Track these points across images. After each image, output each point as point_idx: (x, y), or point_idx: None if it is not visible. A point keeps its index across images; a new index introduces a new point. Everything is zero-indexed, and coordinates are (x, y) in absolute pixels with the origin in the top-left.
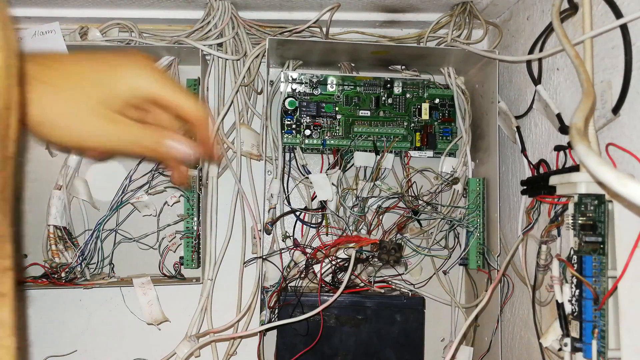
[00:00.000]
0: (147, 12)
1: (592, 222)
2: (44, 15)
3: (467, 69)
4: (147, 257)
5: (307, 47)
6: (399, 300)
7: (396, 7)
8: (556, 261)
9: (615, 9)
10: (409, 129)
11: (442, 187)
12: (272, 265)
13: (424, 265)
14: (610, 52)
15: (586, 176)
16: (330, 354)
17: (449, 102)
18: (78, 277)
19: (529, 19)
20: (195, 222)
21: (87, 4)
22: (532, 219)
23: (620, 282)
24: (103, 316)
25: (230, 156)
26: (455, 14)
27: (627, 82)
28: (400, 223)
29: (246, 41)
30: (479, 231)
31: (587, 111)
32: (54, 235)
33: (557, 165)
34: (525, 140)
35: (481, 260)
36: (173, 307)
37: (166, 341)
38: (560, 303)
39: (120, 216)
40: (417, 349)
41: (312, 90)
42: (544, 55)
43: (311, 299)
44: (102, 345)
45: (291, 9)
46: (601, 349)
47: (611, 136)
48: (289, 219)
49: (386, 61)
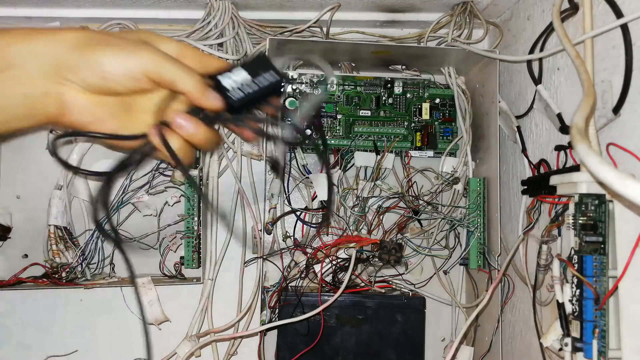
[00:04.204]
0: (147, 12)
1: (593, 222)
2: (44, 15)
3: (467, 68)
4: (147, 257)
5: (307, 47)
6: (399, 300)
7: (396, 7)
8: (557, 261)
9: (615, 9)
10: (409, 128)
11: (443, 187)
12: (273, 265)
13: (425, 265)
14: (610, 52)
15: (587, 176)
16: (331, 353)
17: (449, 102)
18: (79, 277)
19: (529, 18)
20: (196, 222)
21: (87, 4)
22: (533, 218)
23: (620, 282)
24: (103, 316)
25: (231, 156)
26: (456, 13)
27: (627, 82)
28: (401, 223)
29: (247, 41)
30: (480, 231)
31: (588, 111)
32: (55, 235)
33: (557, 165)
34: (525, 140)
35: (482, 260)
36: (174, 307)
37: (167, 341)
38: (561, 303)
39: (121, 216)
40: (418, 349)
41: (313, 90)
42: (544, 55)
43: (312, 299)
44: (103, 345)
45: (292, 8)
46: (602, 349)
47: (612, 136)
48: (289, 219)
49: (386, 61)
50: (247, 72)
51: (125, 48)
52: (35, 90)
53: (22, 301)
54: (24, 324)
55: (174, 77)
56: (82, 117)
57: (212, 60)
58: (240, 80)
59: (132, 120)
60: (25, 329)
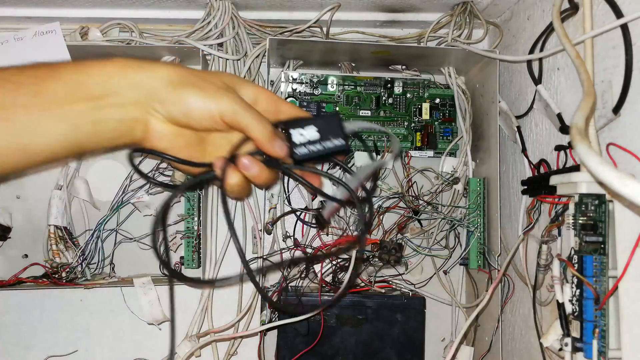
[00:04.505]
0: (147, 12)
1: (593, 222)
2: (44, 15)
3: (467, 68)
4: (147, 257)
5: (307, 47)
6: (399, 300)
7: (396, 7)
8: (557, 261)
9: (615, 9)
10: (409, 128)
11: (443, 187)
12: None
13: (425, 265)
14: (610, 52)
15: (587, 176)
16: (331, 353)
17: (449, 102)
18: (79, 277)
19: (529, 18)
20: (196, 222)
21: (87, 4)
22: (533, 218)
23: (620, 282)
24: (104, 316)
25: None
26: (456, 13)
27: (627, 82)
28: (401, 223)
29: (247, 41)
30: (480, 231)
31: (588, 111)
32: (55, 235)
33: (557, 165)
34: (525, 140)
35: (482, 260)
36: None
37: (167, 341)
38: (561, 303)
39: (121, 216)
40: (418, 349)
41: (313, 90)
42: (544, 55)
43: (312, 299)
44: (103, 345)
45: (292, 8)
46: (602, 349)
47: (612, 136)
48: (289, 219)
49: (386, 61)
50: (318, 131)
51: (210, 92)
52: (127, 116)
53: (22, 301)
54: (24, 324)
55: (248, 124)
56: (161, 143)
57: (285, 104)
58: (309, 138)
59: (203, 152)
60: (25, 329)
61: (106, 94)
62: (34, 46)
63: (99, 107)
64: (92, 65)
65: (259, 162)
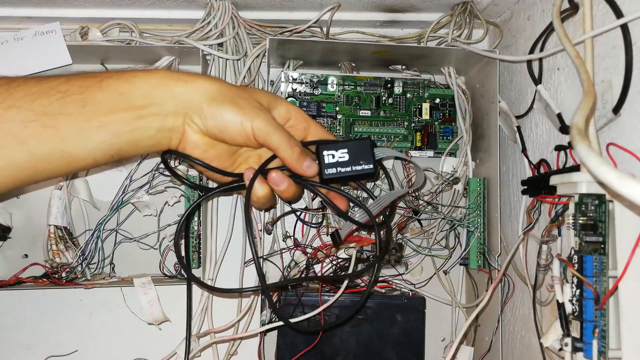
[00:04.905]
0: (147, 12)
1: (593, 222)
2: (44, 15)
3: (467, 68)
4: (147, 257)
5: (307, 47)
6: (399, 300)
7: (396, 7)
8: (557, 261)
9: (615, 9)
10: (409, 128)
11: (443, 187)
12: (273, 265)
13: (425, 265)
14: (610, 52)
15: (587, 176)
16: (331, 354)
17: (449, 102)
18: (79, 277)
19: (529, 18)
20: (196, 221)
21: (87, 4)
22: (533, 218)
23: (621, 282)
24: (104, 316)
25: None
26: (456, 13)
27: (627, 82)
28: (401, 223)
29: (247, 41)
30: (480, 231)
31: (588, 111)
32: (55, 235)
33: (557, 165)
34: (525, 140)
35: (482, 260)
36: (174, 307)
37: (167, 341)
38: (561, 303)
39: (121, 216)
40: (418, 349)
41: (313, 90)
42: (544, 55)
43: (312, 299)
44: (103, 345)
45: (292, 8)
46: (602, 349)
47: (612, 136)
48: (289, 218)
49: (387, 61)
50: (349, 154)
51: (247, 110)
52: (166, 125)
53: (22, 301)
54: (24, 324)
55: (278, 145)
56: (195, 152)
57: (315, 124)
58: (339, 159)
59: (233, 163)
60: (25, 329)
61: (148, 104)
62: (34, 46)
63: (140, 117)
64: (137, 76)
65: (288, 177)
